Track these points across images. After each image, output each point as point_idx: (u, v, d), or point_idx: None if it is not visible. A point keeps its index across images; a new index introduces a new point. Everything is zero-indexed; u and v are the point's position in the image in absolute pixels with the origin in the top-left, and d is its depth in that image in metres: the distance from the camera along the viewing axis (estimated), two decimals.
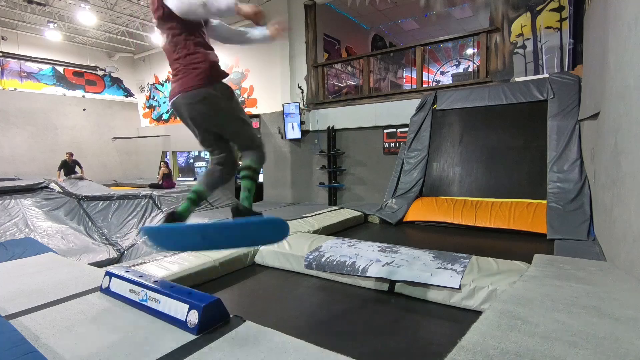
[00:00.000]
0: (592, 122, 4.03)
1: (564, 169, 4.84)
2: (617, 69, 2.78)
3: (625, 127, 2.53)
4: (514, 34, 5.83)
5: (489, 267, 2.93)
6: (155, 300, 1.95)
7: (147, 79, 13.10)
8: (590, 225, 4.15)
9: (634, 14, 2.33)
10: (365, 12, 9.92)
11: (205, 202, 7.81)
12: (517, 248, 4.03)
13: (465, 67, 11.29)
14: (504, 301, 1.97)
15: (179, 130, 11.84)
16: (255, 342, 1.62)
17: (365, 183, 7.69)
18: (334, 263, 3.29)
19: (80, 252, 5.55)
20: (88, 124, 12.31)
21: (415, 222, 5.57)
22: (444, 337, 2.28)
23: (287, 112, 8.06)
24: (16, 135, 10.70)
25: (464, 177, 5.80)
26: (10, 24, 10.32)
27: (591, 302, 1.93)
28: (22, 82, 11.13)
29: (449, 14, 10.29)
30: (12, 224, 5.92)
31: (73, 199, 6.86)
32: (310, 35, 8.18)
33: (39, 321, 1.94)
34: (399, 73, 12.55)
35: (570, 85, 5.13)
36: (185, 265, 3.33)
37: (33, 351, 1.54)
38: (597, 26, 3.86)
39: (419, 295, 2.87)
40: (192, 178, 12.42)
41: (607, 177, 3.27)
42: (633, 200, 2.36)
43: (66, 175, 8.76)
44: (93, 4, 9.09)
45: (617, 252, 2.82)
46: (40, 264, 3.04)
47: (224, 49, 10.09)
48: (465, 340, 1.53)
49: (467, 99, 6.02)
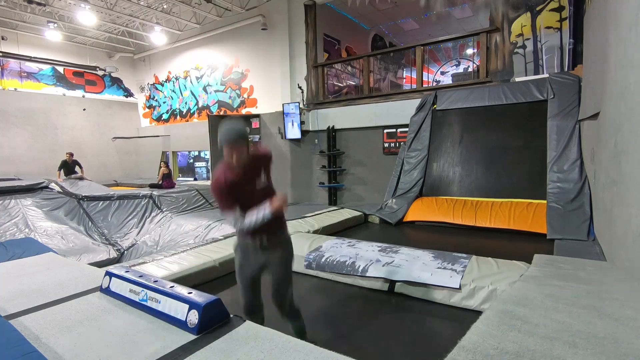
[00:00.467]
0: (592, 122, 4.03)
1: (564, 169, 4.84)
2: (617, 69, 2.78)
3: (625, 127, 2.53)
4: (514, 34, 5.83)
5: (489, 267, 2.93)
6: (155, 300, 1.94)
7: (147, 79, 13.09)
8: (590, 225, 4.15)
9: (634, 14, 2.33)
10: (365, 12, 9.92)
11: (205, 202, 7.81)
12: (517, 248, 4.02)
13: (465, 67, 11.28)
14: (504, 301, 1.97)
15: (179, 130, 11.84)
16: (255, 342, 1.62)
17: (365, 183, 7.69)
18: (334, 263, 3.29)
19: (80, 252, 5.55)
20: (88, 124, 12.30)
21: (415, 222, 5.57)
22: (444, 337, 2.28)
23: (287, 112, 8.06)
24: (16, 135, 10.70)
25: (464, 177, 5.80)
26: (10, 24, 10.32)
27: (591, 302, 1.93)
28: (22, 82, 11.12)
29: (449, 14, 10.29)
30: (12, 224, 5.93)
31: (73, 199, 6.87)
32: (310, 35, 8.18)
33: (39, 321, 1.93)
34: (399, 73, 12.55)
35: (570, 85, 5.13)
36: (185, 265, 3.33)
37: (33, 351, 1.54)
38: (597, 26, 3.86)
39: (419, 295, 2.87)
40: (192, 178, 12.41)
41: (607, 177, 3.27)
42: (633, 200, 2.36)
43: (66, 175, 8.76)
44: (93, 4, 9.08)
45: (617, 252, 2.82)
46: (40, 264, 3.04)
47: (224, 48, 10.11)
48: (465, 340, 1.53)
49: (467, 99, 6.02)
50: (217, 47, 10.33)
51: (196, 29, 10.55)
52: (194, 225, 6.17)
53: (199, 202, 7.74)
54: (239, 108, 10.00)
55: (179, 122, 12.10)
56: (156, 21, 10.46)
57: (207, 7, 9.34)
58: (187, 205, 7.42)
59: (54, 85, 11.74)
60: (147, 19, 10.31)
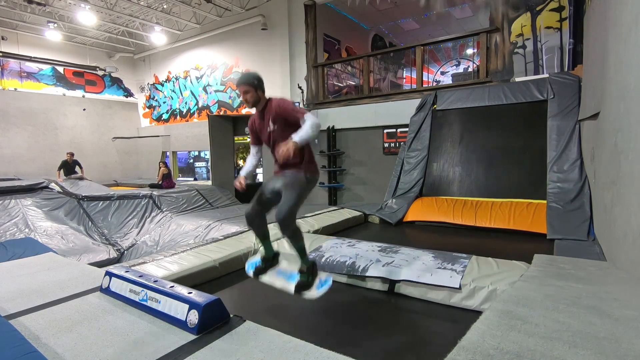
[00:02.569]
0: (592, 122, 4.03)
1: (564, 169, 4.83)
2: (617, 69, 2.78)
3: (625, 127, 2.53)
4: (514, 34, 5.83)
5: (489, 267, 2.93)
6: (155, 300, 1.94)
7: (147, 79, 13.09)
8: (590, 225, 4.15)
9: (634, 14, 2.33)
10: (365, 12, 9.92)
11: (205, 202, 7.82)
12: (517, 248, 4.02)
13: (465, 67, 11.27)
14: (504, 301, 1.97)
15: (179, 130, 11.84)
16: (255, 342, 1.62)
17: (365, 183, 7.69)
18: (334, 263, 3.29)
19: (80, 252, 5.55)
20: (88, 124, 12.31)
21: (415, 222, 5.57)
22: (444, 337, 2.28)
23: None
24: (16, 135, 10.70)
25: (464, 177, 5.80)
26: (10, 24, 10.32)
27: (591, 302, 1.93)
28: (22, 82, 11.13)
29: (449, 14, 10.29)
30: (12, 224, 5.93)
31: (73, 199, 6.87)
32: (310, 35, 8.18)
33: (39, 321, 1.93)
34: (399, 73, 12.56)
35: (570, 85, 5.13)
36: (185, 265, 3.33)
37: (33, 351, 1.54)
38: (597, 26, 3.86)
39: (419, 295, 2.87)
40: (192, 178, 12.41)
41: (607, 177, 3.27)
42: (633, 200, 2.35)
43: (66, 175, 8.76)
44: (93, 4, 9.08)
45: (617, 252, 2.82)
46: (40, 264, 3.04)
47: (224, 48, 10.11)
48: (465, 340, 1.52)
49: (467, 99, 6.02)
50: (217, 47, 10.33)
51: (196, 29, 10.55)
52: (194, 225, 6.17)
53: (199, 202, 7.74)
54: (239, 108, 10.00)
55: (179, 122, 12.10)
56: (156, 21, 10.46)
57: (207, 7, 9.34)
58: (187, 205, 7.42)
59: (54, 85, 11.74)
60: (147, 19, 10.31)
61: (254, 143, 2.42)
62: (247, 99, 2.22)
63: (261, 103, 2.25)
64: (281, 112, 2.24)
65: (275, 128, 2.23)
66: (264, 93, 2.27)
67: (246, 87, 2.20)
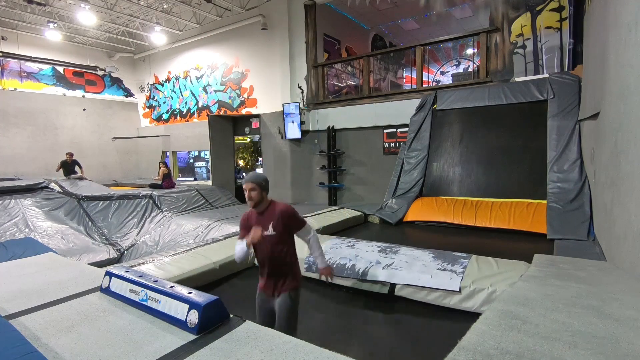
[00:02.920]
0: (592, 122, 4.03)
1: (564, 169, 4.83)
2: (617, 69, 2.78)
3: (625, 127, 2.53)
4: (514, 34, 5.83)
5: (489, 268, 2.93)
6: (155, 300, 1.94)
7: (147, 79, 13.09)
8: (590, 225, 4.15)
9: (634, 14, 2.33)
10: (365, 12, 9.92)
11: (205, 202, 7.82)
12: (517, 248, 4.02)
13: (465, 67, 11.27)
14: (504, 301, 1.97)
15: (179, 130, 11.84)
16: (255, 342, 1.62)
17: (365, 183, 7.69)
18: (334, 265, 3.29)
19: (80, 252, 5.55)
20: (88, 124, 12.30)
21: (415, 222, 5.57)
22: (444, 338, 2.28)
23: (287, 112, 8.06)
24: (16, 135, 10.70)
25: (464, 177, 5.80)
26: (10, 24, 10.32)
27: (591, 302, 1.93)
28: (22, 82, 11.12)
29: (449, 14, 10.29)
30: (12, 224, 5.92)
31: (73, 199, 6.87)
32: (310, 35, 8.18)
33: (39, 321, 1.93)
34: (399, 73, 12.55)
35: (570, 85, 5.13)
36: (185, 265, 3.33)
37: (33, 351, 1.54)
38: (597, 26, 3.86)
39: (418, 297, 2.86)
40: (192, 178, 12.42)
41: (607, 177, 3.27)
42: (633, 200, 2.35)
43: (65, 176, 8.75)
44: (93, 4, 9.08)
45: (617, 252, 2.82)
46: (40, 264, 3.04)
47: (224, 48, 10.11)
48: (465, 340, 1.52)
49: (467, 99, 6.01)
50: (217, 47, 10.33)
51: (196, 29, 10.55)
52: (194, 225, 6.17)
53: (199, 202, 7.75)
54: (239, 108, 10.00)
55: (179, 122, 12.10)
56: (156, 21, 10.46)
57: (207, 7, 9.34)
58: (187, 205, 7.42)
59: (54, 85, 11.73)
60: (147, 19, 10.31)
61: (242, 237, 2.34)
62: (251, 196, 2.25)
63: (263, 204, 2.29)
64: (288, 221, 2.29)
65: (274, 234, 2.25)
66: (267, 195, 2.32)
67: (253, 186, 2.25)
